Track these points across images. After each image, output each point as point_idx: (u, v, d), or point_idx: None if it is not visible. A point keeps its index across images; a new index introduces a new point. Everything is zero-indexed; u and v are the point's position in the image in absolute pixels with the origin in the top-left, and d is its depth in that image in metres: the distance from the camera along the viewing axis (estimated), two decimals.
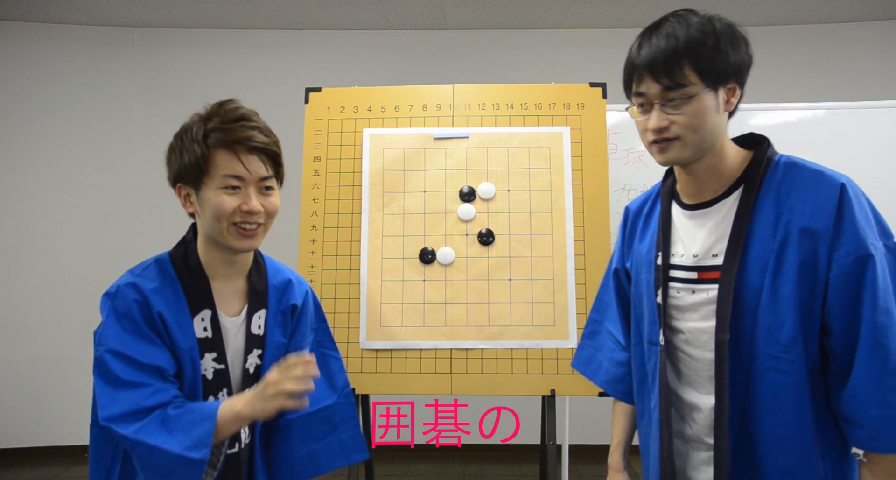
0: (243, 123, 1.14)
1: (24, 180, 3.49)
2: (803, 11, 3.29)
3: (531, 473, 3.31)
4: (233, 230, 1.12)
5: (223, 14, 3.37)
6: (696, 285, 1.10)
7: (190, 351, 1.11)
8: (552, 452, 1.93)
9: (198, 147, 1.10)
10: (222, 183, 1.11)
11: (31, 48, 3.51)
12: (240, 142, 1.11)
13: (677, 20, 1.04)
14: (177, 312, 1.12)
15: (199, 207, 1.13)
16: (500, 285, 1.98)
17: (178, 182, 1.14)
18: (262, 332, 1.23)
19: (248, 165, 1.12)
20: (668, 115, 1.03)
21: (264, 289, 1.25)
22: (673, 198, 1.19)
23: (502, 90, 2.11)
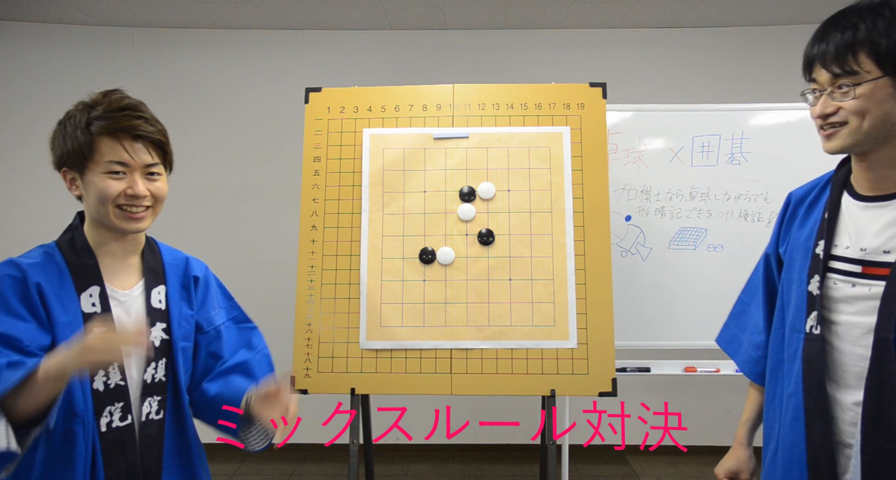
0: (128, 112, 1.18)
1: (24, 180, 3.49)
2: (803, 11, 3.29)
3: (531, 473, 3.31)
4: (118, 213, 1.17)
5: (223, 14, 3.37)
6: (857, 279, 1.07)
7: (71, 325, 1.13)
8: (552, 452, 1.93)
9: (81, 134, 1.14)
10: (106, 168, 1.15)
11: (31, 48, 3.51)
12: (124, 130, 1.16)
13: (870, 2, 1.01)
14: (59, 287, 1.14)
15: (84, 190, 1.18)
16: (500, 285, 1.98)
17: (63, 166, 1.19)
18: (165, 306, 1.25)
19: (133, 152, 1.16)
20: (835, 101, 1.03)
21: (160, 266, 1.28)
22: (845, 188, 1.14)
23: (502, 90, 2.11)
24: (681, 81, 3.50)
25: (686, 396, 3.51)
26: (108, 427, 1.15)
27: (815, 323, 1.10)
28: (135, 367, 1.20)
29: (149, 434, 1.20)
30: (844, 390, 1.08)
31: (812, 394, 1.10)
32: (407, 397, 2.01)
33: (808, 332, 1.12)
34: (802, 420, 1.12)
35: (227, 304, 1.42)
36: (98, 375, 1.15)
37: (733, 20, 3.39)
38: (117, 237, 1.22)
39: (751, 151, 2.47)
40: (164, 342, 1.24)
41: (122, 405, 1.17)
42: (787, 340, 1.17)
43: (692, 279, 2.47)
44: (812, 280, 1.12)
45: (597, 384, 1.91)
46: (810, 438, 1.10)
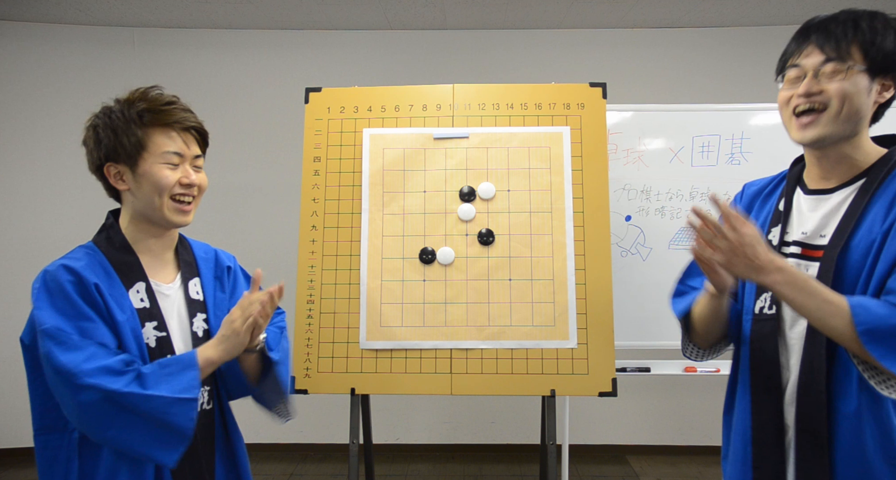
0: (175, 105, 1.22)
1: (25, 180, 3.49)
2: (803, 11, 3.29)
3: (531, 473, 3.31)
4: (171, 205, 1.21)
5: (223, 14, 3.37)
6: (799, 261, 1.14)
7: (129, 322, 1.16)
8: (552, 452, 1.93)
9: (135, 127, 1.17)
10: (163, 159, 1.19)
11: (31, 48, 3.51)
12: (178, 121, 1.20)
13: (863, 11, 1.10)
14: (110, 286, 1.16)
15: (134, 183, 1.19)
16: (500, 285, 1.98)
17: (109, 161, 1.20)
18: (202, 297, 1.31)
19: (187, 142, 1.22)
20: (821, 84, 1.09)
21: (193, 260, 1.33)
22: (798, 183, 1.23)
23: (502, 90, 2.11)
24: (681, 81, 3.50)
25: (686, 396, 3.51)
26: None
27: (767, 304, 1.16)
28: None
29: (203, 424, 1.25)
30: (785, 371, 1.14)
31: (760, 372, 1.16)
32: (407, 397, 2.01)
33: (758, 313, 1.18)
34: (749, 397, 1.17)
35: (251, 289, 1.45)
36: None
37: (733, 20, 3.39)
38: (156, 233, 1.26)
39: (751, 151, 2.47)
40: (206, 331, 1.29)
41: None
42: (744, 326, 1.23)
43: None
44: None
45: (597, 384, 1.91)
46: (755, 415, 1.15)
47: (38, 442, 1.17)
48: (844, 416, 1.06)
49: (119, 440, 1.08)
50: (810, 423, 1.08)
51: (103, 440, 1.10)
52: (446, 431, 3.60)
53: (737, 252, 1.04)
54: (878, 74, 1.08)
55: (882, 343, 0.98)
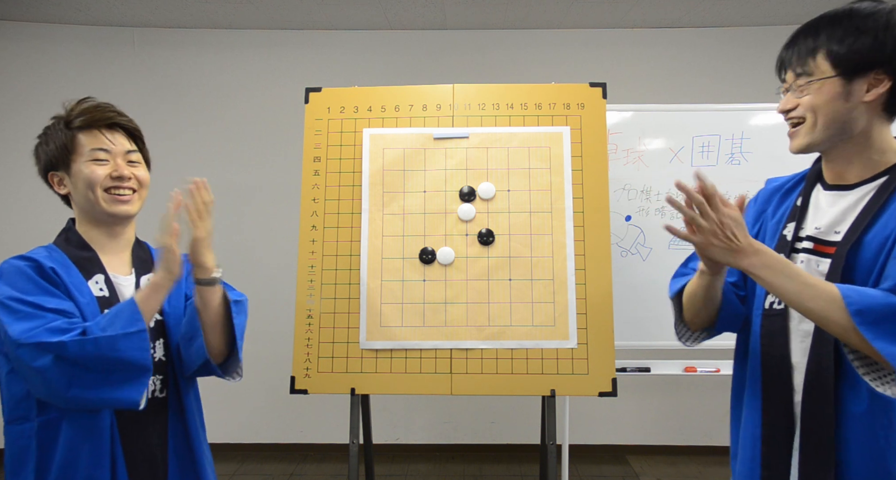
0: (101, 107, 1.29)
1: (24, 181, 3.49)
2: (803, 11, 3.29)
3: (531, 473, 3.31)
4: (106, 197, 1.25)
5: (223, 14, 3.37)
6: (810, 256, 1.14)
7: (89, 305, 1.19)
8: (552, 452, 1.93)
9: (62, 133, 1.25)
10: (90, 156, 1.24)
11: (31, 48, 3.51)
12: (101, 120, 1.26)
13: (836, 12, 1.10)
14: (68, 275, 1.20)
15: (71, 186, 1.26)
16: (500, 285, 1.97)
17: (49, 171, 1.27)
18: None
19: (112, 139, 1.27)
20: (795, 98, 1.13)
21: (149, 257, 1.38)
22: (818, 180, 1.23)
23: (502, 90, 2.11)
24: (681, 81, 3.50)
25: (686, 396, 3.51)
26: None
27: (777, 300, 1.16)
28: None
29: (154, 412, 1.26)
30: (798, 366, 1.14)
31: (770, 369, 1.16)
32: (407, 397, 2.01)
33: (768, 308, 1.18)
34: (759, 395, 1.17)
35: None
36: None
37: (733, 20, 3.39)
38: (109, 233, 1.30)
39: (751, 151, 2.47)
40: (158, 322, 1.31)
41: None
42: (753, 320, 1.23)
43: None
44: None
45: (597, 384, 1.91)
46: (766, 413, 1.16)
47: (8, 433, 1.19)
48: (854, 416, 1.04)
49: (83, 396, 1.10)
50: (816, 423, 1.07)
51: (70, 401, 1.11)
52: (446, 431, 3.60)
53: (717, 233, 1.03)
54: (857, 75, 1.07)
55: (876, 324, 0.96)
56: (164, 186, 1.25)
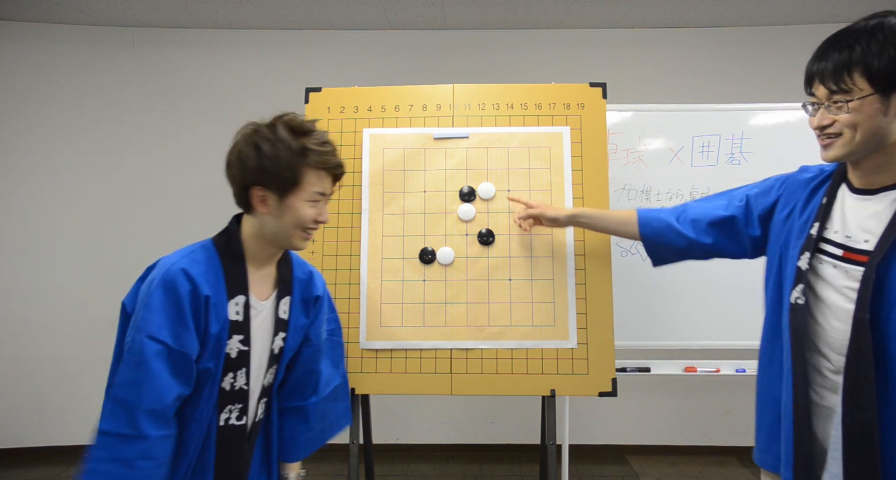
0: (332, 149, 1.30)
1: (24, 180, 3.49)
2: (803, 11, 3.29)
3: (531, 473, 3.31)
4: (301, 235, 1.30)
5: (223, 14, 3.37)
6: (838, 262, 1.20)
7: (219, 334, 1.22)
8: (552, 452, 1.93)
9: (297, 163, 1.24)
10: (310, 197, 1.27)
11: (31, 48, 3.51)
12: (332, 167, 1.29)
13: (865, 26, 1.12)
14: (216, 295, 1.24)
15: (276, 210, 1.27)
16: (500, 285, 1.97)
17: (259, 185, 1.25)
18: (287, 317, 1.37)
19: (329, 184, 1.31)
20: (830, 114, 1.16)
21: (290, 278, 1.39)
22: (844, 179, 1.28)
23: (502, 90, 2.11)
24: (681, 81, 3.50)
25: (686, 396, 3.51)
26: (226, 423, 1.27)
27: (801, 295, 1.24)
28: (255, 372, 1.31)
29: (254, 433, 1.34)
30: (823, 357, 1.22)
31: (797, 358, 1.23)
32: (407, 397, 2.01)
33: (794, 303, 1.25)
34: (791, 382, 1.24)
35: (331, 316, 1.55)
36: (227, 376, 1.25)
37: (733, 20, 3.39)
38: (270, 250, 1.33)
39: (751, 152, 2.47)
40: (281, 349, 1.36)
41: (241, 407, 1.28)
42: (784, 313, 1.30)
43: (692, 279, 2.47)
44: (802, 257, 1.25)
45: (597, 384, 1.91)
46: (796, 399, 1.23)
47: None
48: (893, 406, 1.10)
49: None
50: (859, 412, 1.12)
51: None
52: (446, 431, 3.60)
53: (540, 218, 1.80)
54: (893, 89, 1.10)
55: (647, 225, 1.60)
56: (165, 186, 1.25)
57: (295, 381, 1.45)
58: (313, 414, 1.46)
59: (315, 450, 1.48)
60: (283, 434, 1.44)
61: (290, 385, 1.45)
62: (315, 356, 1.46)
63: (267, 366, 1.33)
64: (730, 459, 3.43)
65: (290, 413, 1.45)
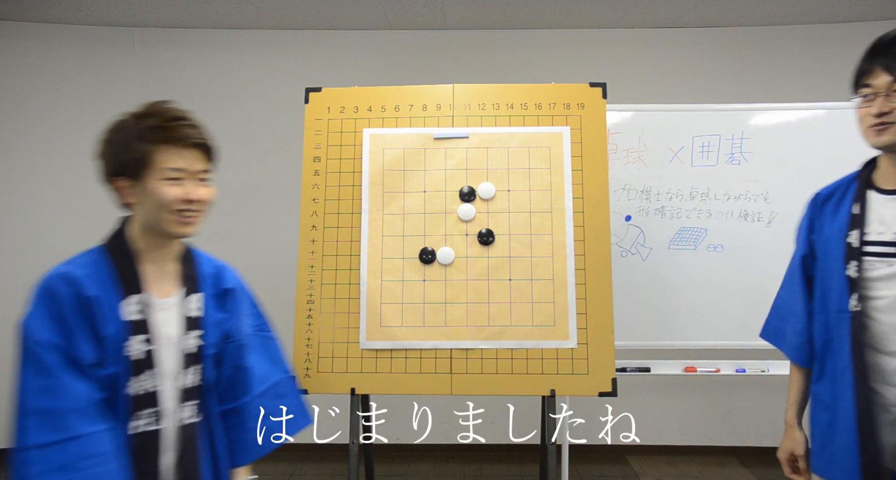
0: (182, 121, 1.24)
1: (24, 180, 3.49)
2: (803, 11, 3.29)
3: (531, 473, 3.31)
4: (174, 218, 1.23)
5: (223, 14, 3.37)
6: (885, 258, 1.28)
7: (116, 336, 1.18)
8: (552, 452, 1.93)
9: (140, 143, 1.20)
10: (165, 175, 1.20)
11: (31, 48, 3.51)
12: (182, 139, 1.22)
13: None
14: (106, 296, 1.19)
15: (139, 197, 1.22)
16: (500, 285, 1.97)
17: (118, 176, 1.22)
18: (200, 314, 1.32)
19: (189, 159, 1.23)
20: (891, 103, 1.23)
21: (196, 275, 1.34)
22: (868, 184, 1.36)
23: (502, 90, 2.11)
24: (681, 81, 3.50)
25: (686, 396, 3.51)
26: (137, 430, 1.21)
27: (857, 303, 1.30)
28: (170, 375, 1.26)
29: (187, 437, 1.28)
30: (887, 357, 1.27)
31: (857, 364, 1.29)
32: (407, 397, 2.01)
33: (852, 310, 1.31)
34: (852, 386, 1.29)
35: (254, 311, 1.49)
36: (134, 380, 1.20)
37: (733, 20, 3.39)
38: (162, 244, 1.28)
39: (751, 151, 2.47)
40: (200, 347, 1.31)
41: (153, 412, 1.23)
42: (834, 321, 1.37)
43: (692, 279, 2.47)
44: (850, 266, 1.31)
45: (597, 384, 1.91)
46: (859, 402, 1.28)
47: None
48: None
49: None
50: None
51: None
52: (446, 431, 3.60)
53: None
54: None
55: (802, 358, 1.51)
56: None
57: (225, 381, 1.39)
58: (248, 415, 1.39)
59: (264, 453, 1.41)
60: (227, 439, 1.38)
61: (222, 386, 1.39)
62: (239, 352, 1.40)
63: (183, 366, 1.28)
64: (730, 459, 3.43)
65: (229, 416, 1.39)
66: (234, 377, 1.40)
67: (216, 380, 1.38)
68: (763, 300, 2.44)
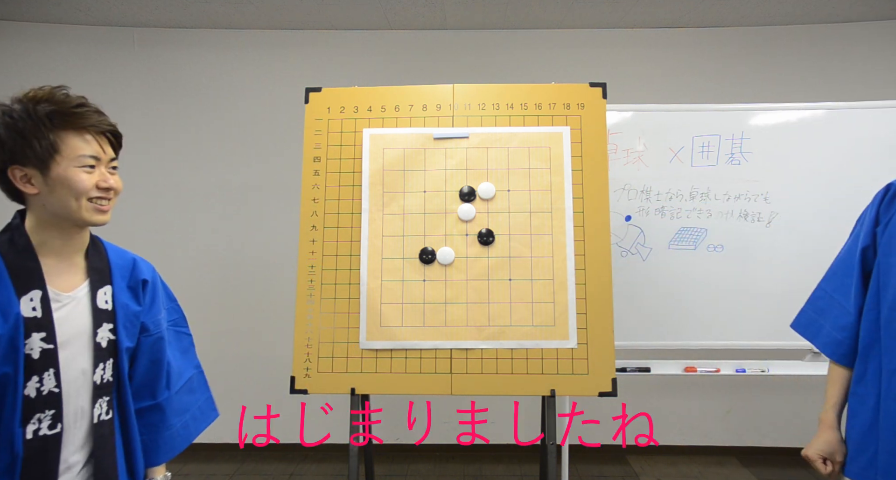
0: (87, 108, 1.19)
1: None
2: (803, 11, 3.29)
3: (531, 473, 3.31)
4: (89, 207, 1.18)
5: (223, 14, 3.37)
6: None
7: (11, 334, 1.11)
8: (552, 452, 1.93)
9: (45, 129, 1.13)
10: (78, 163, 1.16)
11: (31, 48, 3.51)
12: (94, 125, 1.18)
13: None
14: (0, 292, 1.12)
15: (45, 187, 1.15)
16: (500, 285, 1.97)
17: (14, 164, 1.14)
18: (111, 306, 1.26)
19: (99, 146, 1.19)
20: None
21: (106, 266, 1.28)
22: None
23: (502, 90, 2.11)
24: (681, 81, 3.50)
25: (686, 396, 3.51)
26: (35, 434, 1.13)
27: None
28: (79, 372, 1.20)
29: (101, 435, 1.21)
30: None
31: None
32: (407, 397, 2.01)
33: None
34: None
35: (171, 305, 1.44)
36: (31, 381, 1.12)
37: (733, 20, 3.39)
38: (64, 236, 1.21)
39: (751, 151, 2.47)
40: (111, 342, 1.25)
41: (53, 413, 1.15)
42: (886, 319, 1.30)
43: (692, 279, 2.47)
44: None
45: (597, 384, 1.91)
46: None
47: None
48: None
49: None
50: None
51: None
52: (446, 431, 3.60)
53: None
54: None
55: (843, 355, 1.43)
56: (165, 185, 1.24)
57: (142, 376, 1.34)
58: (170, 410, 1.36)
59: (181, 450, 1.37)
60: (142, 438, 1.33)
61: (138, 382, 1.33)
62: (157, 345, 1.36)
63: (95, 362, 1.22)
64: (730, 459, 3.43)
65: (147, 413, 1.34)
66: (151, 371, 1.35)
67: (132, 376, 1.32)
68: (763, 300, 2.45)
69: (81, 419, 1.20)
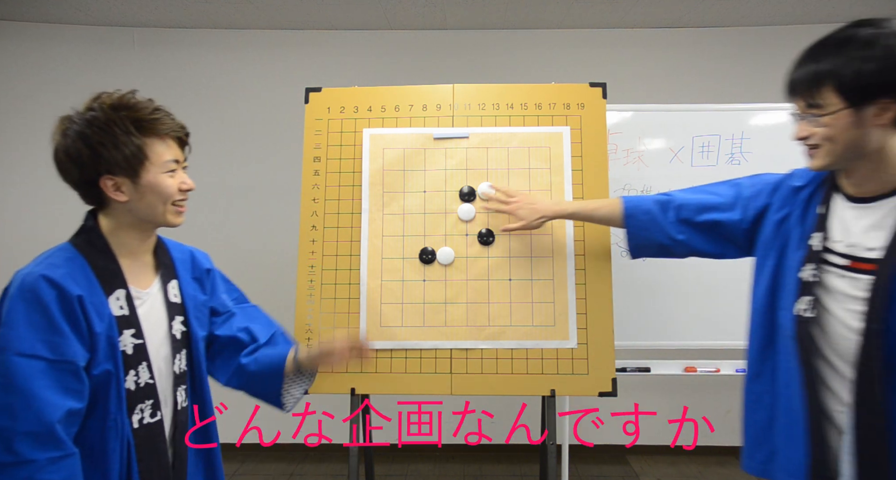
0: (162, 113, 1.26)
1: (24, 181, 3.49)
2: (803, 11, 3.29)
3: (531, 473, 3.31)
4: (172, 210, 1.26)
5: (223, 14, 3.37)
6: (845, 272, 1.19)
7: (107, 332, 1.16)
8: (552, 452, 1.93)
9: (131, 138, 1.18)
10: (165, 168, 1.22)
11: (31, 48, 3.51)
12: (171, 130, 1.25)
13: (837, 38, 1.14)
14: (91, 294, 1.16)
15: (135, 194, 1.21)
16: (500, 285, 1.97)
17: (106, 174, 1.18)
18: (180, 299, 1.33)
19: (177, 150, 1.28)
20: (809, 127, 1.19)
21: (170, 262, 1.36)
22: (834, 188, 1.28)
23: (502, 90, 2.11)
24: (681, 81, 3.50)
25: (686, 396, 3.51)
26: (140, 423, 1.21)
27: (809, 307, 1.23)
28: (163, 363, 1.27)
29: (182, 422, 1.29)
30: (833, 367, 1.21)
31: (807, 368, 1.23)
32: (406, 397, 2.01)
33: (800, 315, 1.24)
34: (800, 391, 1.24)
35: (228, 287, 1.54)
36: (129, 375, 1.19)
37: (733, 20, 3.39)
38: (142, 236, 1.28)
39: (751, 151, 2.47)
40: (184, 333, 1.32)
41: (152, 403, 1.23)
42: (781, 321, 1.30)
43: (692, 279, 2.47)
44: (806, 268, 1.24)
45: (597, 385, 1.91)
46: (810, 407, 1.22)
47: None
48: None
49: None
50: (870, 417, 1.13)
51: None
52: (446, 431, 3.60)
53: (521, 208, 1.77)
54: (865, 102, 1.10)
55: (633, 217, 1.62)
56: None
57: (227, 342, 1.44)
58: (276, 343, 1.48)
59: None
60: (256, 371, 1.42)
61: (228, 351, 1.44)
62: (230, 320, 1.46)
63: (173, 353, 1.28)
64: (730, 459, 3.43)
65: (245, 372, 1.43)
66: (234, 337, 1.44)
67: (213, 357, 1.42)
68: None
69: (167, 407, 1.28)
